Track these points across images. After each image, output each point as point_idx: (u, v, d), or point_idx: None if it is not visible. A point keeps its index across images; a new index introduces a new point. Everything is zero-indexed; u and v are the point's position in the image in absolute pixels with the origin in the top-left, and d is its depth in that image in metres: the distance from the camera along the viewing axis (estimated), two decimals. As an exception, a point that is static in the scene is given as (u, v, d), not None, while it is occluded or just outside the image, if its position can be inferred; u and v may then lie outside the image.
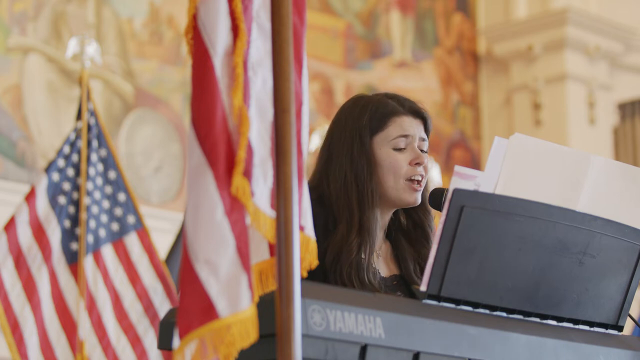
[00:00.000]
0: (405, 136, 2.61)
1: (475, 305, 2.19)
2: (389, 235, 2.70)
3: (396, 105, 2.64)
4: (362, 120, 2.62)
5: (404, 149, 2.61)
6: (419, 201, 2.63)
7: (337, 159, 2.62)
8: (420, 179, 2.62)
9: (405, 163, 2.60)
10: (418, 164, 2.61)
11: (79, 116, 4.86)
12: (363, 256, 2.55)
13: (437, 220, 2.24)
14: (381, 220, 2.64)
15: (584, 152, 2.41)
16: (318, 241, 2.13)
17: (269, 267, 2.09)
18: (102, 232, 4.74)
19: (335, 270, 2.51)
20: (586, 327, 2.36)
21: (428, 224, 2.69)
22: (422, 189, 2.63)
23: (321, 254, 2.43)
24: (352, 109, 2.66)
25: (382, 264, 2.66)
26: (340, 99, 8.64)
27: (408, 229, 2.70)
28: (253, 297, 1.96)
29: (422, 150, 2.64)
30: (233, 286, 1.94)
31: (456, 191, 2.14)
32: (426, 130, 2.66)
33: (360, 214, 2.56)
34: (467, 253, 2.16)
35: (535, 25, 9.42)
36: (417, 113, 2.65)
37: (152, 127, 7.61)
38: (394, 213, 2.69)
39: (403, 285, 2.65)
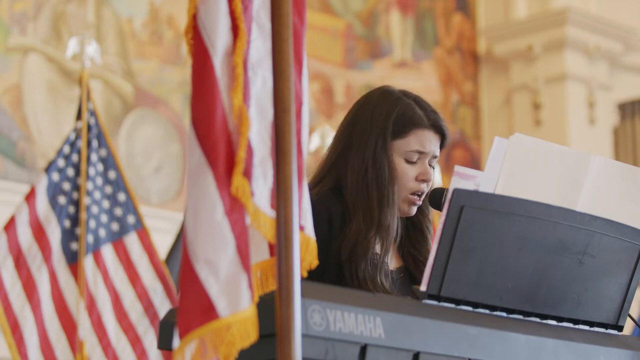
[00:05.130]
0: (421, 152, 2.62)
1: (475, 305, 2.19)
2: None
3: (422, 117, 2.64)
4: (389, 120, 2.62)
5: (415, 162, 2.62)
6: (414, 213, 2.66)
7: (358, 149, 2.62)
8: (421, 194, 2.64)
9: (412, 176, 2.62)
10: (424, 180, 2.62)
11: (79, 116, 4.86)
12: (378, 254, 2.56)
13: (437, 220, 2.24)
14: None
15: (584, 152, 2.41)
16: (335, 232, 2.11)
17: (269, 267, 2.09)
18: (102, 232, 4.74)
19: (350, 267, 2.52)
20: (586, 327, 2.36)
21: (426, 225, 2.71)
22: (421, 202, 2.66)
23: (337, 246, 2.46)
24: (380, 103, 2.65)
25: (390, 257, 2.67)
26: (340, 99, 8.64)
27: (407, 228, 2.71)
28: (253, 297, 1.96)
29: (430, 166, 2.66)
30: (233, 286, 1.94)
31: (456, 191, 2.14)
32: (442, 145, 2.67)
33: (379, 211, 2.57)
34: (467, 253, 2.16)
35: (535, 25, 9.41)
36: (439, 129, 2.66)
37: (152, 127, 7.61)
38: None
39: (408, 278, 2.66)
